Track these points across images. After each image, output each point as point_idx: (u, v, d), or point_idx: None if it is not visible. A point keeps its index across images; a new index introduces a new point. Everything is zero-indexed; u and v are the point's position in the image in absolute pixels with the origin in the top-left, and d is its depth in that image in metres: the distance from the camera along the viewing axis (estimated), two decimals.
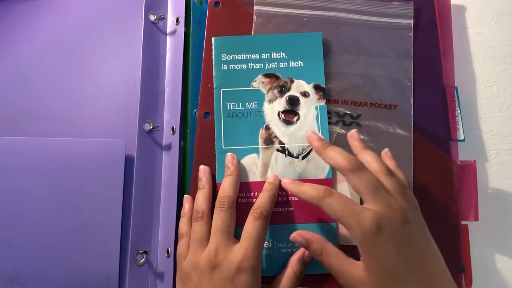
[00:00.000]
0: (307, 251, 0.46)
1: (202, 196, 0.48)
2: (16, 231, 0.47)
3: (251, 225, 0.45)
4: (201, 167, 0.50)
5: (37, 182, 0.48)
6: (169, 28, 0.56)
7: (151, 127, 0.52)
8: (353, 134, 0.48)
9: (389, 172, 0.44)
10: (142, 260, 0.49)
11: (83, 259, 0.48)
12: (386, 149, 0.48)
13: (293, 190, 0.46)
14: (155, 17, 0.55)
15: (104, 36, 0.55)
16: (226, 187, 0.47)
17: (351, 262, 0.42)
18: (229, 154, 0.49)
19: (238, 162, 0.49)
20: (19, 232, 0.47)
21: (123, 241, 0.49)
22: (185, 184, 0.52)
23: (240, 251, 0.43)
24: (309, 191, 0.43)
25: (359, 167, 0.42)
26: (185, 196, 0.50)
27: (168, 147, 0.53)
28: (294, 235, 0.45)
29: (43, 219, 0.48)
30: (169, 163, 0.52)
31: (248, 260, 0.43)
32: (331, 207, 0.41)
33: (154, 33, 0.55)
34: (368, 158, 0.45)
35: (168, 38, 0.56)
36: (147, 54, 0.53)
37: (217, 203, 0.46)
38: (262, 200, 0.46)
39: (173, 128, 0.52)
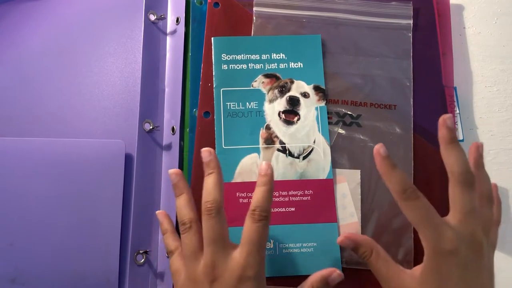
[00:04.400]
0: (333, 275, 0.43)
1: (183, 203, 0.44)
2: (17, 231, 0.47)
3: (250, 229, 0.40)
4: (172, 171, 0.45)
5: (37, 183, 0.48)
6: (169, 28, 0.56)
7: (151, 127, 0.52)
8: (476, 146, 0.45)
9: (491, 201, 0.43)
10: (142, 260, 0.49)
11: (83, 259, 0.48)
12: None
13: (381, 169, 0.41)
14: (155, 17, 0.55)
15: (104, 36, 0.55)
16: (210, 188, 0.41)
17: (400, 270, 0.41)
18: (205, 149, 0.43)
19: (217, 157, 0.44)
20: (20, 232, 0.47)
21: (123, 241, 0.49)
22: None
23: (241, 259, 0.40)
24: (396, 182, 0.40)
25: (472, 183, 0.40)
26: (158, 212, 0.48)
27: (168, 147, 0.53)
28: (341, 239, 0.44)
29: (44, 219, 0.48)
30: (169, 163, 0.52)
31: (251, 267, 0.39)
32: (412, 211, 0.40)
33: (154, 33, 0.55)
34: (483, 176, 0.44)
35: (168, 38, 0.56)
36: (147, 54, 0.53)
37: (203, 209, 0.41)
38: (258, 198, 0.41)
39: (173, 128, 0.52)
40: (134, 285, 0.49)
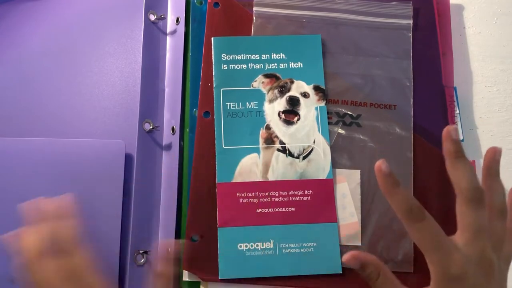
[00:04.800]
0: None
1: None
2: None
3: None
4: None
5: (37, 183, 0.48)
6: (169, 28, 0.56)
7: (151, 127, 0.52)
8: (493, 151, 0.40)
9: (504, 213, 0.40)
10: (142, 260, 0.49)
11: None
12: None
13: (383, 187, 0.38)
14: (155, 17, 0.55)
15: (104, 36, 0.55)
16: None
17: None
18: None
19: None
20: None
21: (123, 241, 0.49)
22: (184, 184, 0.52)
23: None
24: (400, 201, 0.37)
25: (480, 199, 0.38)
26: None
27: (168, 147, 0.53)
28: (348, 257, 0.40)
29: None
30: (169, 163, 0.52)
31: None
32: (418, 233, 0.37)
33: (154, 33, 0.55)
34: (496, 186, 0.40)
35: (168, 38, 0.56)
36: (147, 54, 0.53)
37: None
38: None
39: (173, 128, 0.52)
40: (134, 285, 0.48)
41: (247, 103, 0.51)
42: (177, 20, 0.55)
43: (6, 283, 0.46)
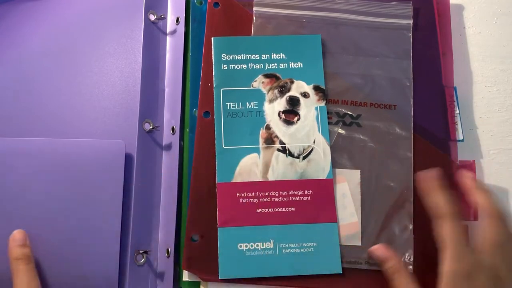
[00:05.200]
0: None
1: None
2: None
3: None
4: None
5: (37, 183, 0.48)
6: (169, 28, 0.56)
7: (151, 127, 0.52)
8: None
9: None
10: (142, 260, 0.49)
11: (83, 259, 0.48)
12: None
13: (429, 187, 0.46)
14: (155, 17, 0.55)
15: (104, 36, 0.55)
16: None
17: None
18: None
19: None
20: None
21: (123, 241, 0.49)
22: (184, 184, 0.52)
23: None
24: (445, 202, 0.44)
25: (504, 219, 0.43)
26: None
27: (168, 147, 0.53)
28: (376, 247, 0.47)
29: (43, 219, 0.48)
30: (169, 163, 0.52)
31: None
32: (448, 230, 0.42)
33: (154, 33, 0.55)
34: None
35: (168, 38, 0.56)
36: (147, 54, 0.53)
37: None
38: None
39: (173, 128, 0.52)
40: (134, 285, 0.49)
41: (247, 103, 0.51)
42: (177, 20, 0.55)
43: (6, 283, 0.46)
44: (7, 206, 0.48)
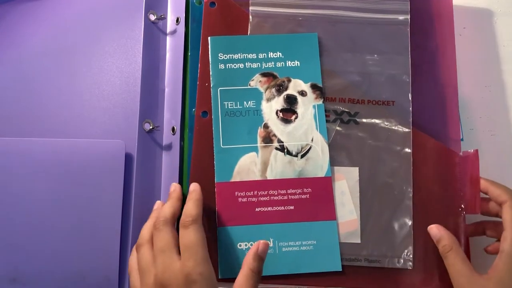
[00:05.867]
0: (260, 246, 0.44)
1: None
2: (17, 231, 0.48)
3: (182, 236, 0.43)
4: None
5: (37, 183, 0.48)
6: (169, 28, 0.56)
7: (151, 127, 0.52)
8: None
9: None
10: None
11: (84, 259, 0.48)
12: None
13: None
14: (155, 17, 0.55)
15: (104, 36, 0.55)
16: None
17: (473, 269, 0.45)
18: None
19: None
20: (20, 232, 0.48)
21: (123, 241, 0.49)
22: (184, 184, 0.52)
23: (182, 266, 0.42)
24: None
25: None
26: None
27: (168, 147, 0.53)
28: (432, 226, 0.48)
29: (44, 219, 0.48)
30: (169, 163, 0.52)
31: (194, 270, 0.41)
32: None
33: (154, 33, 0.55)
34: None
35: (168, 38, 0.56)
36: (147, 54, 0.54)
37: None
38: (186, 208, 0.45)
39: (173, 128, 0.52)
40: None
41: (244, 102, 0.51)
42: (177, 20, 0.55)
43: (6, 283, 0.46)
44: (7, 206, 0.48)
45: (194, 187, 0.47)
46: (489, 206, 0.49)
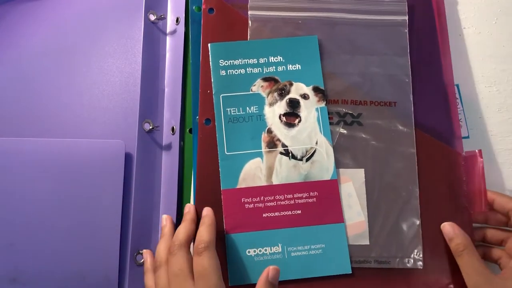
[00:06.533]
0: (270, 272, 0.44)
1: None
2: (17, 231, 0.47)
3: (196, 262, 0.43)
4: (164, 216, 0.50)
5: (37, 183, 0.48)
6: (169, 28, 0.56)
7: (151, 127, 0.52)
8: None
9: None
10: (142, 260, 0.49)
11: (83, 259, 0.48)
12: None
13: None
14: (155, 17, 0.55)
15: (104, 36, 0.55)
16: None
17: (487, 269, 0.45)
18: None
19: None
20: (20, 232, 0.47)
21: (123, 241, 0.49)
22: (184, 184, 0.52)
23: None
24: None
25: None
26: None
27: (168, 147, 0.53)
28: (445, 224, 0.48)
29: (44, 219, 0.48)
30: (169, 163, 0.52)
31: None
32: None
33: (154, 33, 0.55)
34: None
35: (168, 38, 0.56)
36: (147, 54, 0.53)
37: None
38: (200, 234, 0.45)
39: (173, 128, 0.52)
40: (134, 285, 0.49)
41: (247, 107, 0.51)
42: (177, 20, 0.55)
43: (6, 283, 0.46)
44: (7, 205, 0.48)
45: (207, 212, 0.47)
46: (491, 215, 0.50)
